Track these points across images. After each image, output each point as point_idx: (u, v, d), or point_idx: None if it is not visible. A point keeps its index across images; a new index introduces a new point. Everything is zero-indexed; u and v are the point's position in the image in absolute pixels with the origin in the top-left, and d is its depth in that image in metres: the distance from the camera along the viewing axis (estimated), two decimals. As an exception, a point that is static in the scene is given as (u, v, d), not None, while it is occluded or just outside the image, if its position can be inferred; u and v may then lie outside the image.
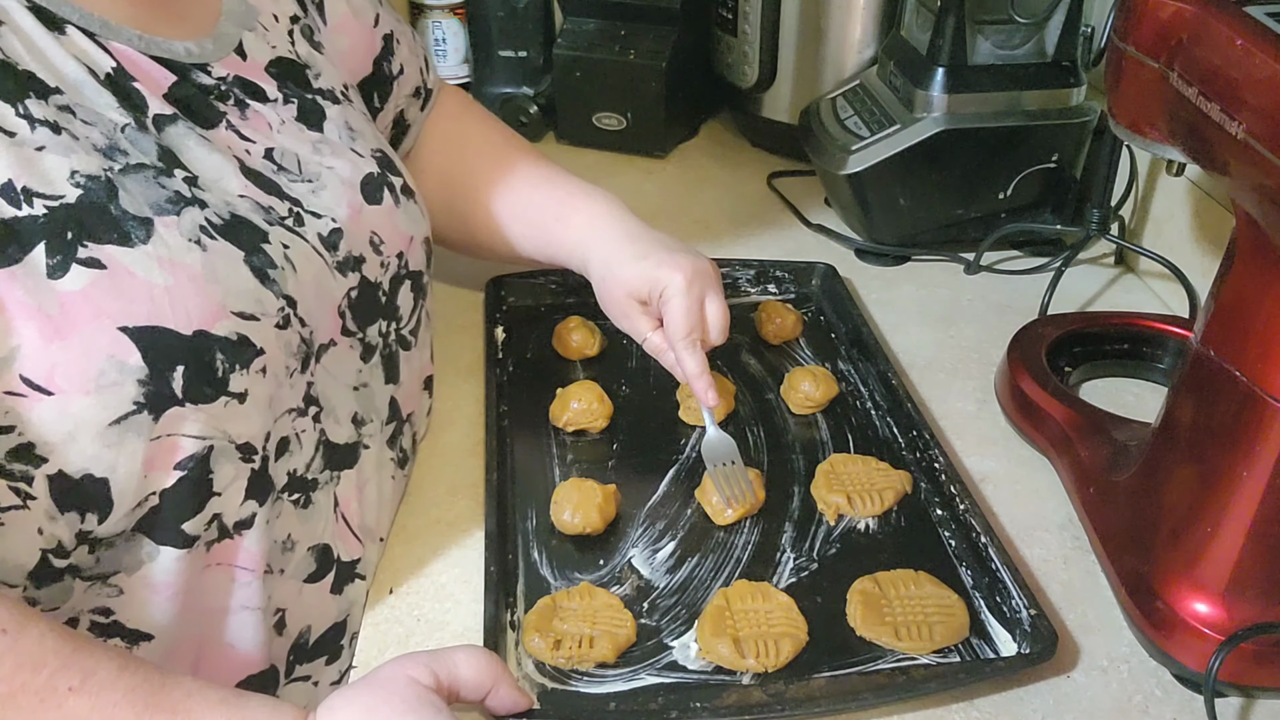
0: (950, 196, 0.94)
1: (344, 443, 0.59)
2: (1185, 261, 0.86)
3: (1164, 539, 0.57)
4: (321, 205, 0.57)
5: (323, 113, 0.62)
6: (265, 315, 0.51)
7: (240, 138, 0.55)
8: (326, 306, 0.56)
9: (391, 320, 0.63)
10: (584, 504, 0.64)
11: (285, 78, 0.60)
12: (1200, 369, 0.55)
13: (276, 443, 0.53)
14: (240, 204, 0.52)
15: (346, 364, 0.59)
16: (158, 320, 0.47)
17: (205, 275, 0.49)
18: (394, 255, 0.63)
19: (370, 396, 0.62)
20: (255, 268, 0.51)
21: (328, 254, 0.57)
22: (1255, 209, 0.50)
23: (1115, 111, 0.60)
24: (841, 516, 0.66)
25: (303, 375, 0.55)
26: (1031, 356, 0.75)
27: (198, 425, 0.48)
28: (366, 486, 0.61)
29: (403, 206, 0.64)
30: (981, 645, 0.57)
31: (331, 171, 0.59)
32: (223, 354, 0.49)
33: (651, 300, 0.69)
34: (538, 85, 1.22)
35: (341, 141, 0.62)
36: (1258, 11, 0.48)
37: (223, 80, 0.56)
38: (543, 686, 0.55)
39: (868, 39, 1.04)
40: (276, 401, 0.52)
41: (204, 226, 0.50)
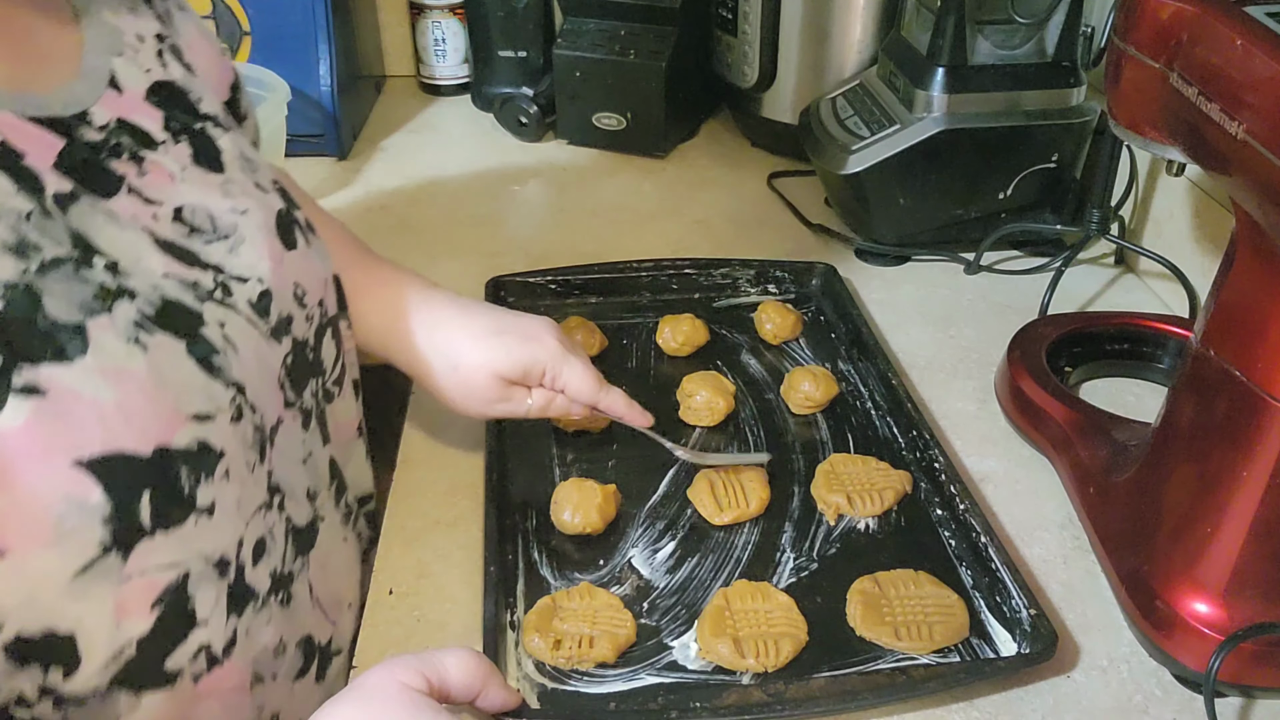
0: (950, 196, 0.94)
1: (305, 524, 0.56)
2: (1185, 261, 0.86)
3: (1164, 539, 0.57)
4: (244, 265, 0.52)
5: (216, 147, 0.55)
6: (219, 411, 0.46)
7: (145, 201, 0.49)
8: (269, 383, 0.52)
9: (319, 377, 0.59)
10: (584, 504, 0.64)
11: (170, 105, 0.53)
12: (1200, 369, 0.55)
13: (252, 547, 0.49)
14: (167, 285, 0.47)
15: (294, 439, 0.55)
16: (114, 445, 0.41)
17: (153, 380, 0.43)
18: (315, 304, 0.58)
19: (315, 465, 0.58)
20: (199, 358, 0.46)
21: (261, 322, 0.52)
22: (1255, 209, 0.50)
23: (1115, 111, 0.60)
24: (841, 516, 0.66)
25: (262, 466, 0.51)
26: (1031, 356, 0.75)
27: (169, 553, 0.43)
28: (329, 559, 0.59)
29: (313, 245, 0.59)
30: (981, 645, 0.57)
31: (245, 218, 0.54)
32: (186, 467, 0.44)
33: (530, 379, 0.65)
34: (538, 85, 1.22)
35: (245, 177, 0.56)
36: (1258, 11, 0.48)
37: (108, 129, 0.49)
38: (542, 686, 0.55)
39: (868, 39, 1.04)
40: (244, 503, 0.48)
41: (139, 322, 0.44)
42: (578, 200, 1.09)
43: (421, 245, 0.99)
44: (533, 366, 0.64)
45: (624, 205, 1.07)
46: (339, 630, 0.60)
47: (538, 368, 0.64)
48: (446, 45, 1.30)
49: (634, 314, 0.88)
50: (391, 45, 1.37)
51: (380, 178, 1.13)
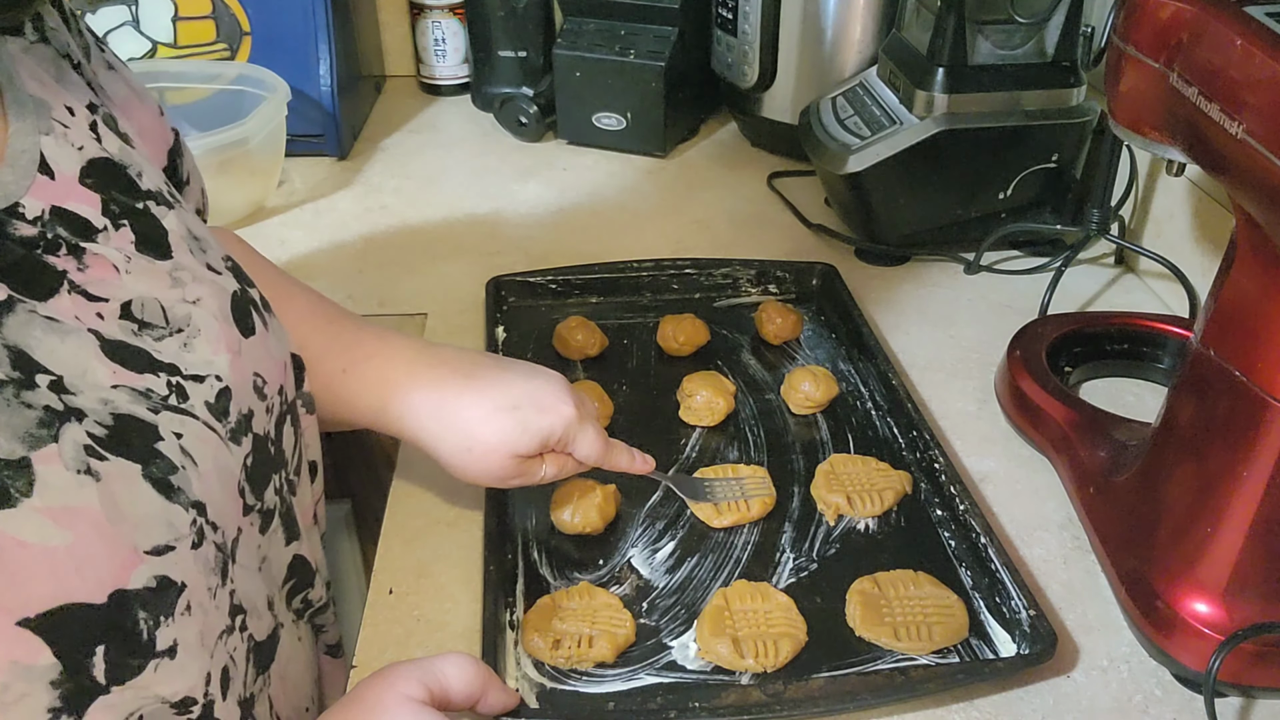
0: (950, 196, 0.94)
1: (266, 637, 0.51)
2: (1185, 261, 0.86)
3: (1164, 539, 0.57)
4: (199, 362, 0.47)
5: (161, 228, 0.49)
6: (180, 539, 0.41)
7: (89, 299, 0.43)
8: (229, 493, 0.47)
9: (282, 470, 0.53)
10: (583, 504, 0.64)
11: (107, 186, 0.47)
12: (1200, 369, 0.55)
13: (220, 678, 0.44)
14: (118, 398, 0.42)
15: (251, 547, 0.49)
16: (64, 596, 0.36)
17: (108, 515, 0.38)
18: (275, 393, 0.53)
19: (270, 569, 0.52)
20: (156, 480, 0.41)
21: (219, 425, 0.47)
22: (1255, 209, 0.50)
23: (1115, 111, 0.60)
24: (841, 517, 0.66)
25: (224, 589, 0.45)
26: (1031, 356, 0.75)
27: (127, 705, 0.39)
28: (288, 667, 0.54)
29: (271, 326, 0.54)
30: (981, 646, 0.57)
31: (199, 308, 0.48)
32: (145, 610, 0.39)
33: (546, 449, 0.61)
34: (538, 85, 1.22)
35: (195, 260, 0.50)
36: (1258, 11, 0.48)
37: (41, 222, 0.43)
38: (542, 686, 0.55)
39: (868, 39, 1.04)
40: (207, 635, 0.43)
41: (90, 446, 0.39)
42: (578, 200, 1.09)
43: (421, 245, 0.99)
44: (550, 438, 0.60)
45: (624, 205, 1.07)
46: None
47: (555, 438, 0.60)
48: (446, 45, 1.30)
49: (635, 314, 0.88)
50: (391, 45, 1.37)
51: (380, 178, 1.13)
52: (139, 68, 1.07)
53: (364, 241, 0.99)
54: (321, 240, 1.00)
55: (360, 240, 1.00)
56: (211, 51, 1.12)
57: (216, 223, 1.04)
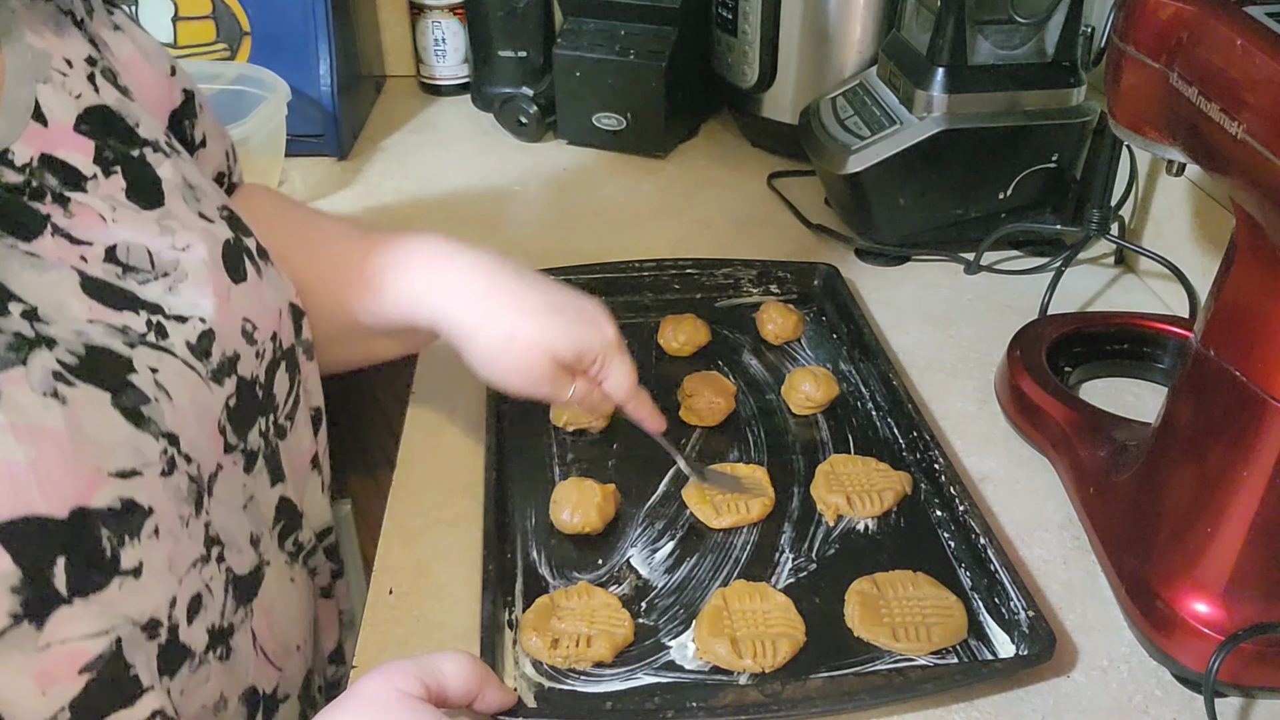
0: (950, 196, 0.94)
1: (248, 571, 0.53)
2: (1185, 261, 0.86)
3: (1164, 539, 0.57)
4: (184, 304, 0.48)
5: (154, 176, 0.51)
6: (147, 466, 0.43)
7: (72, 242, 0.45)
8: (207, 429, 0.48)
9: (269, 414, 0.55)
10: (583, 503, 0.64)
11: (102, 134, 0.49)
12: (1200, 369, 0.55)
13: (187, 604, 0.46)
14: (92, 331, 0.43)
15: (234, 485, 0.51)
16: (25, 508, 0.38)
17: (71, 436, 0.40)
18: (268, 339, 0.54)
19: (257, 508, 0.54)
20: (126, 409, 0.43)
21: (200, 364, 0.48)
22: (1255, 209, 0.50)
23: (1115, 111, 0.60)
24: (841, 517, 0.66)
25: (198, 519, 0.47)
26: (1031, 356, 0.75)
27: (92, 620, 0.41)
28: (275, 604, 0.56)
29: (265, 274, 0.55)
30: (980, 646, 0.57)
31: (187, 254, 0.50)
32: (107, 529, 0.41)
33: (581, 364, 0.61)
34: (538, 85, 1.22)
35: (187, 208, 0.52)
36: (1258, 11, 0.48)
37: (29, 168, 0.45)
38: (540, 685, 0.55)
39: (868, 39, 1.04)
40: (177, 561, 0.45)
41: (58, 373, 0.41)
42: (578, 200, 1.09)
43: (421, 245, 0.99)
44: (587, 352, 0.60)
45: (624, 205, 1.07)
46: (286, 676, 0.57)
47: (591, 354, 0.60)
48: (446, 45, 1.30)
49: (635, 314, 0.87)
50: (391, 45, 1.37)
51: (380, 178, 1.13)
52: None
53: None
54: (321, 240, 1.00)
55: (360, 240, 1.00)
56: (211, 51, 1.12)
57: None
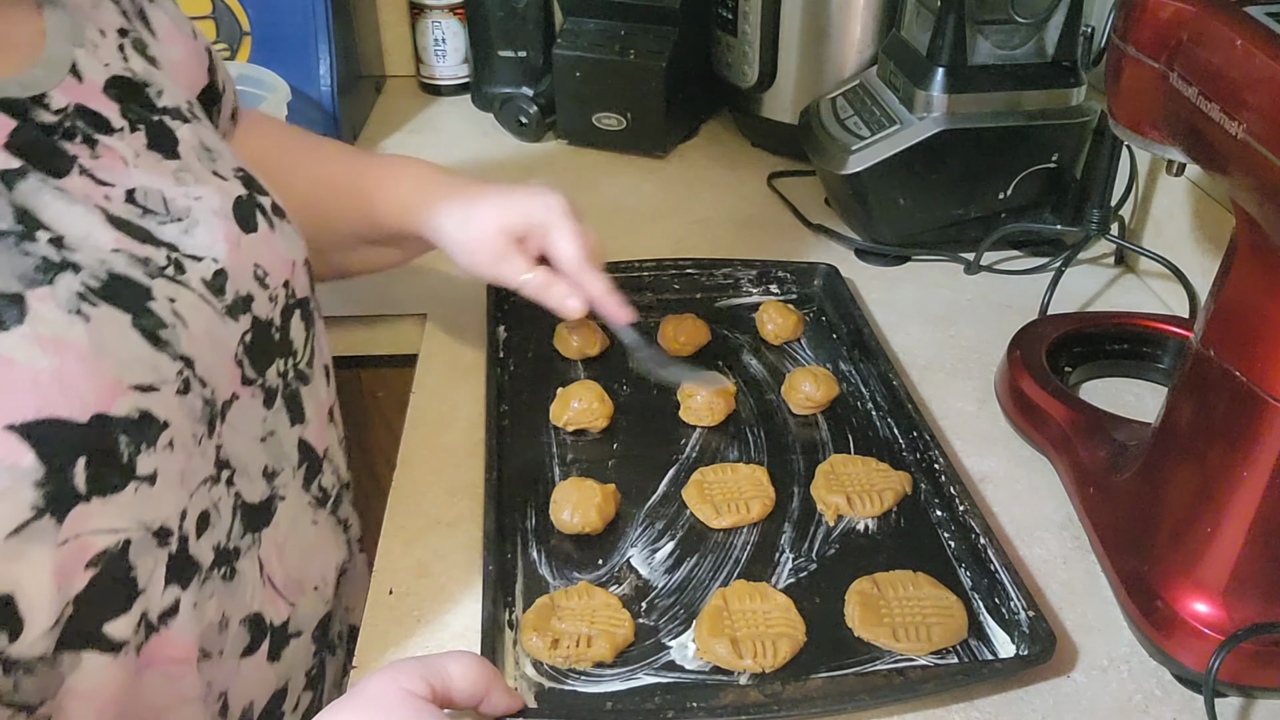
0: (950, 196, 0.94)
1: (258, 501, 0.55)
2: (1185, 261, 0.86)
3: (1164, 539, 0.57)
4: (198, 245, 0.52)
5: (174, 136, 0.56)
6: (164, 383, 0.47)
7: (96, 182, 0.49)
8: (223, 358, 0.52)
9: (288, 357, 0.59)
10: (583, 503, 0.64)
11: (127, 99, 0.54)
12: (1200, 369, 0.55)
13: (196, 519, 0.49)
14: (116, 260, 0.47)
15: (251, 416, 0.55)
16: (48, 411, 0.42)
17: (93, 350, 0.44)
18: (280, 285, 0.58)
19: (278, 444, 0.58)
20: (145, 330, 0.47)
21: (215, 300, 0.52)
22: (1255, 209, 0.50)
23: (1115, 111, 0.60)
24: (841, 517, 0.66)
25: (211, 440, 0.51)
26: (1031, 356, 0.75)
27: (108, 519, 0.44)
28: (288, 540, 0.58)
29: (278, 229, 0.59)
30: (980, 647, 0.57)
31: (200, 203, 0.54)
32: (125, 435, 0.44)
33: (530, 234, 0.68)
34: (538, 85, 1.22)
35: (202, 165, 0.56)
36: (1258, 11, 0.48)
37: (64, 114, 0.50)
38: (540, 686, 0.55)
39: (868, 39, 1.04)
40: (188, 475, 0.48)
41: (82, 294, 0.45)
42: (578, 200, 1.08)
43: (421, 245, 0.99)
44: (532, 218, 0.67)
45: (624, 205, 1.07)
46: (298, 612, 0.59)
47: (536, 218, 0.67)
48: (446, 45, 1.30)
49: (636, 313, 0.87)
50: (391, 45, 1.37)
51: (380, 178, 1.13)
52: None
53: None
54: (321, 240, 1.00)
55: (360, 240, 1.00)
56: (211, 51, 1.12)
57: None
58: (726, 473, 0.68)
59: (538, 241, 0.68)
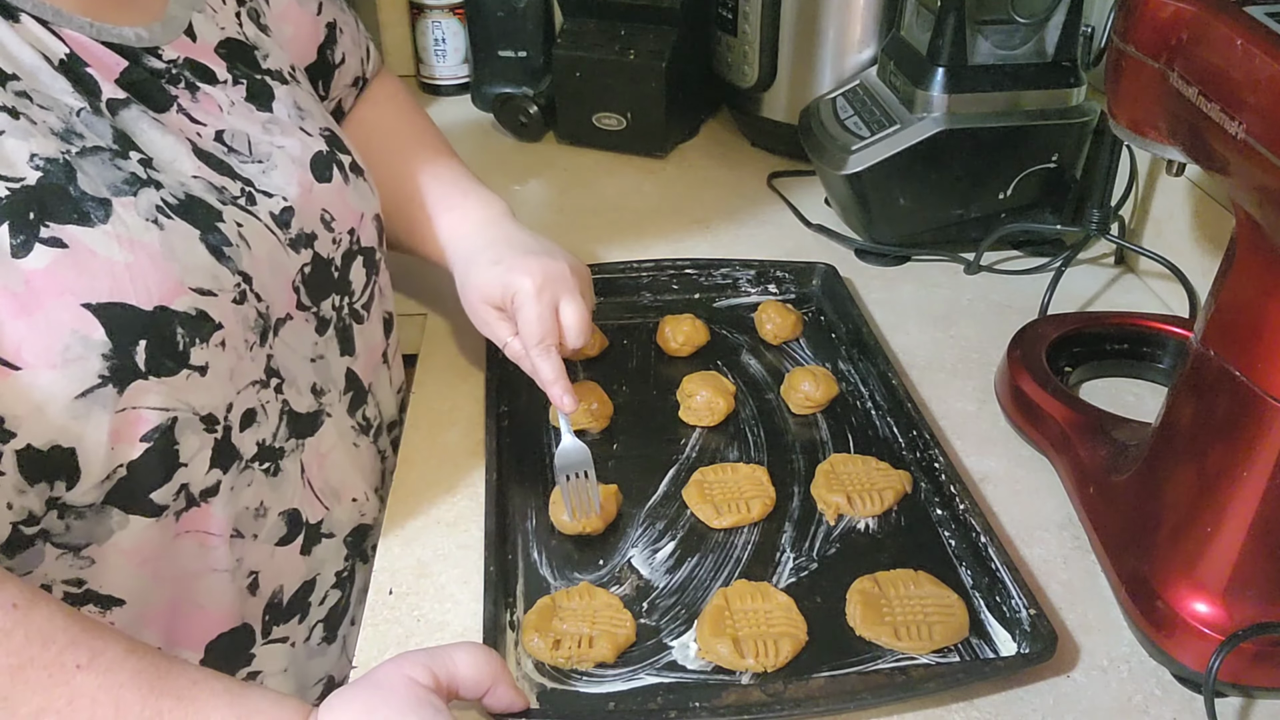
0: (950, 196, 0.94)
1: (306, 412, 0.61)
2: (1185, 261, 0.86)
3: (1164, 539, 0.57)
4: (272, 185, 0.59)
5: (271, 93, 0.63)
6: (222, 291, 0.53)
7: (191, 120, 0.57)
8: (281, 282, 0.58)
9: (344, 295, 0.65)
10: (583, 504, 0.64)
11: (234, 59, 0.62)
12: (1200, 369, 0.55)
13: (241, 414, 0.55)
14: (194, 184, 0.54)
15: (303, 337, 0.61)
16: (119, 296, 0.48)
17: (163, 253, 0.50)
18: (345, 231, 0.64)
19: (327, 368, 0.63)
20: (211, 245, 0.53)
21: (280, 231, 0.58)
22: (1255, 209, 0.50)
23: (1115, 111, 0.60)
24: (841, 516, 0.66)
25: (262, 349, 0.56)
26: (1031, 356, 0.75)
27: (160, 398, 0.50)
28: (331, 453, 0.64)
29: (352, 184, 0.65)
30: (981, 645, 0.57)
31: (282, 151, 0.61)
32: (183, 328, 0.50)
33: (506, 306, 0.70)
34: (538, 85, 1.22)
35: (291, 120, 0.63)
36: (1258, 11, 0.48)
37: (173, 64, 0.57)
38: (542, 686, 0.55)
39: (868, 39, 1.04)
40: (237, 374, 0.54)
41: (160, 206, 0.51)
42: (578, 200, 1.09)
43: (421, 245, 0.99)
44: (507, 295, 0.69)
45: (624, 205, 1.07)
46: (333, 516, 0.64)
47: (507, 297, 0.69)
48: (446, 45, 1.30)
49: (635, 314, 0.88)
50: (391, 45, 1.37)
51: (380, 178, 1.12)
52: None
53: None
54: (321, 240, 0.99)
55: (360, 240, 0.99)
56: (211, 51, 1.12)
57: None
58: (727, 473, 0.68)
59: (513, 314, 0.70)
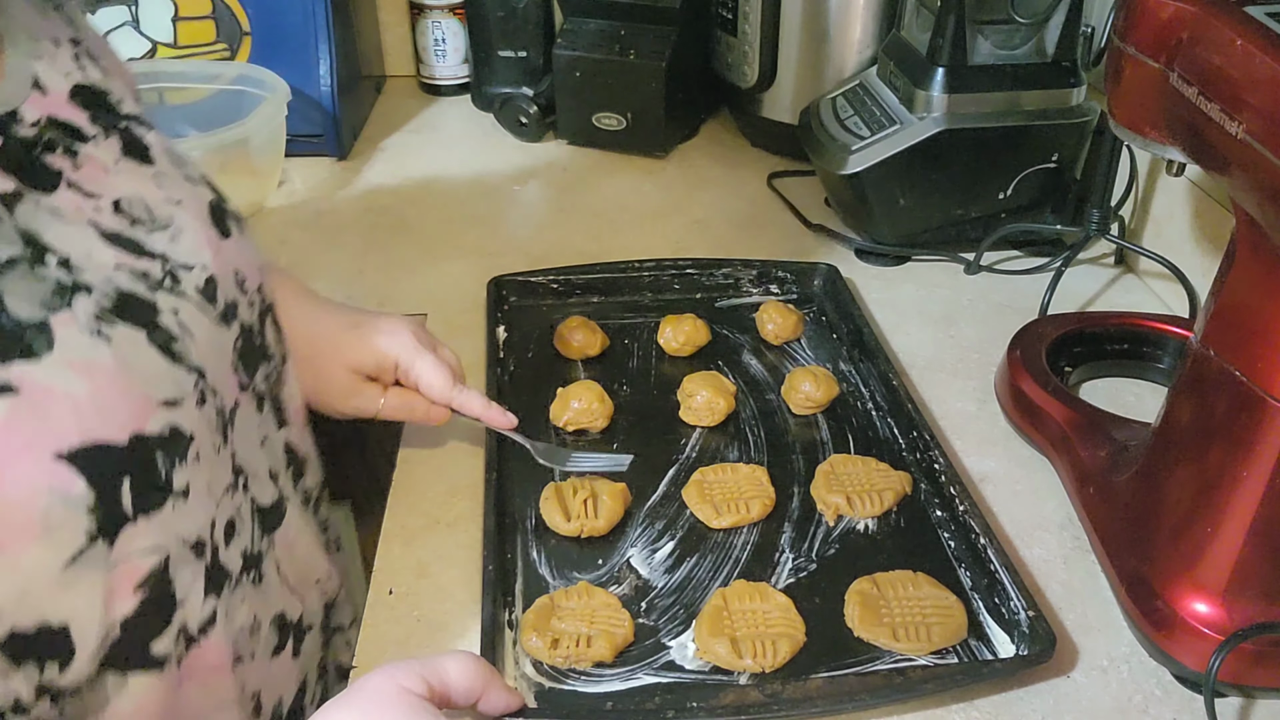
0: (950, 196, 0.94)
1: (270, 504, 0.56)
2: (1185, 261, 0.86)
3: (1164, 539, 0.57)
4: (186, 253, 0.52)
5: (144, 142, 0.55)
6: (185, 396, 0.47)
7: (85, 195, 0.49)
8: (225, 367, 0.53)
9: (269, 361, 0.59)
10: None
11: (92, 106, 0.53)
12: (1200, 369, 0.55)
13: (224, 528, 0.50)
14: (120, 277, 0.47)
15: (250, 421, 0.56)
16: (91, 436, 0.42)
17: (120, 370, 0.44)
18: (255, 290, 0.58)
19: (273, 447, 0.59)
20: (160, 345, 0.47)
21: (210, 308, 0.52)
22: (1255, 209, 0.50)
23: (1115, 111, 0.60)
24: (841, 517, 0.66)
25: (226, 448, 0.52)
26: (1031, 356, 0.75)
27: (151, 538, 0.44)
28: (297, 539, 0.59)
29: (245, 234, 0.59)
30: (980, 646, 0.57)
31: (180, 209, 0.54)
32: (161, 452, 0.45)
33: (383, 373, 0.67)
34: (538, 85, 1.22)
35: (175, 170, 0.56)
36: (1258, 11, 0.48)
37: (39, 126, 0.49)
38: (540, 686, 0.55)
39: (868, 39, 1.04)
40: (214, 485, 0.49)
41: (98, 314, 0.45)
42: (578, 200, 1.09)
43: (421, 245, 0.99)
44: (385, 359, 0.66)
45: (624, 205, 1.07)
46: (308, 607, 0.61)
47: (389, 361, 0.66)
48: (446, 45, 1.30)
49: (635, 314, 0.88)
50: (391, 45, 1.37)
51: (380, 178, 1.13)
52: (139, 68, 1.07)
53: (364, 241, 0.99)
54: (321, 240, 1.00)
55: (360, 240, 1.00)
56: (211, 51, 1.12)
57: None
58: (726, 473, 0.68)
59: (391, 375, 0.67)
